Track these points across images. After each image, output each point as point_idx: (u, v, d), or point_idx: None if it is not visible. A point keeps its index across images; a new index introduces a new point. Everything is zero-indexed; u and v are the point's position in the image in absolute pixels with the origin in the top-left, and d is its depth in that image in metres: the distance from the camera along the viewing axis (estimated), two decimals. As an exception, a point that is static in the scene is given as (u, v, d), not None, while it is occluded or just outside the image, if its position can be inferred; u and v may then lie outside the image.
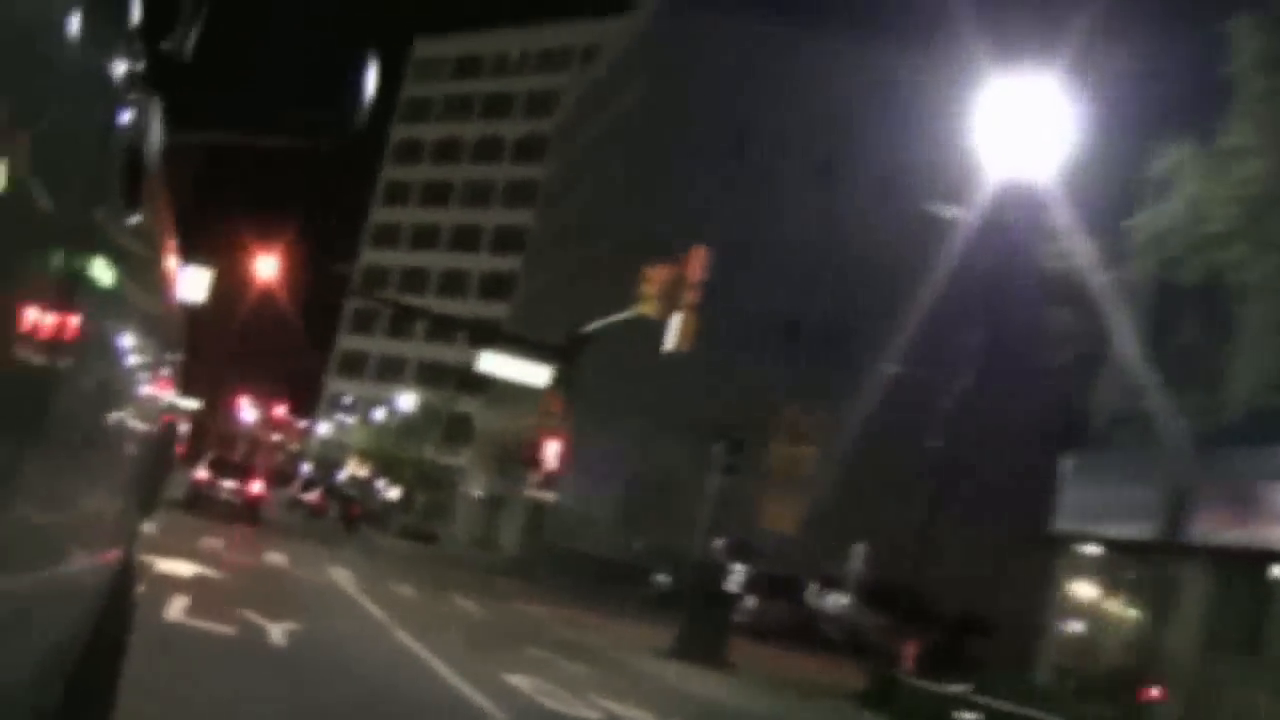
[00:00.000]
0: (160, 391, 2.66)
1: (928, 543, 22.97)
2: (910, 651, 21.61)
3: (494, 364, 37.82)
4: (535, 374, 37.72)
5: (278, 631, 11.99)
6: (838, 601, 39.82)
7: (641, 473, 59.29)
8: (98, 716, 2.85)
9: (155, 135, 1.98)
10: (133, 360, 2.20)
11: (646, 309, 27.28)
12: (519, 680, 12.99)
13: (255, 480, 36.80)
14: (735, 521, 49.77)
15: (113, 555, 2.56)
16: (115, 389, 2.09)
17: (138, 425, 2.40)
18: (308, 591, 19.05)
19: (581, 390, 39.15)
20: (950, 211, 24.37)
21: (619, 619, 28.02)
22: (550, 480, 37.62)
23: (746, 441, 26.99)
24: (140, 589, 4.29)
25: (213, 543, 22.48)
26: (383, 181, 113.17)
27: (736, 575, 41.96)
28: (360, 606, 18.02)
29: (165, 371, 2.65)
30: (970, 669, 23.48)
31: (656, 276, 26.39)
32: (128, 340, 2.11)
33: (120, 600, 2.81)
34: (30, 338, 1.44)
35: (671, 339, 26.53)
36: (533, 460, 36.87)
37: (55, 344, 1.54)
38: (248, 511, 34.92)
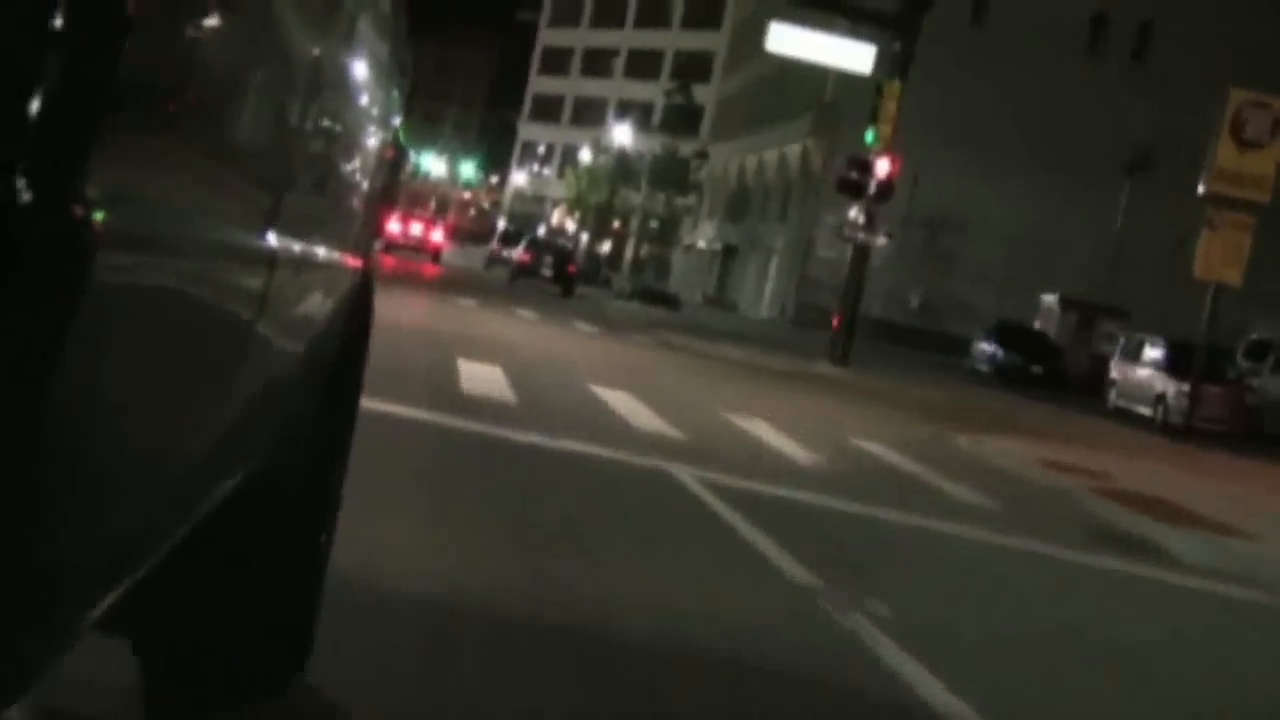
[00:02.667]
0: (390, 126, 3.02)
1: None
2: None
3: (790, 42, 25.13)
4: (852, 55, 25.06)
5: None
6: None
7: (914, 207, 47.87)
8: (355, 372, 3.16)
9: None
10: (369, 96, 2.48)
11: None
12: None
13: (435, 230, 44.67)
14: (1106, 266, 37.26)
15: (359, 262, 2.88)
16: (359, 124, 2.42)
17: (376, 147, 2.82)
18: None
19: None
20: None
21: (1111, 449, 15.94)
22: (875, 217, 25.30)
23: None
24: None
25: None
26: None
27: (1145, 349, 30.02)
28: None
29: (394, 108, 2.99)
30: None
31: None
32: (368, 80, 2.39)
33: (364, 297, 3.07)
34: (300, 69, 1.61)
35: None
36: (856, 187, 24.49)
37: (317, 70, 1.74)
38: (430, 255, 42.73)
